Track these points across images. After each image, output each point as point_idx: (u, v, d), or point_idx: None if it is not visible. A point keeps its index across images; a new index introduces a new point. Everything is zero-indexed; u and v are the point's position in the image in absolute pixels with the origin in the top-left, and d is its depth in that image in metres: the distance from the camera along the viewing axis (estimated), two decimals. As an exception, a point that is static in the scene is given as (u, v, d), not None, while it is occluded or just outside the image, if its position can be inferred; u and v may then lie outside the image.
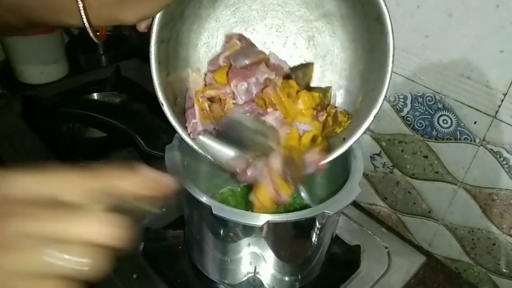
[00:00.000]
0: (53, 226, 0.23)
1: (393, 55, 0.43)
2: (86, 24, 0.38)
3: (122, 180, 0.27)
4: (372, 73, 0.46)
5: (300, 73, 0.50)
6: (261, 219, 0.40)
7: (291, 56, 0.53)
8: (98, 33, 0.42)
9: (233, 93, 0.47)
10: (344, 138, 0.46)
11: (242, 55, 0.48)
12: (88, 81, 0.91)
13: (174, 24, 0.45)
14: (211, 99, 0.48)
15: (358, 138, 0.45)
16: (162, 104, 0.45)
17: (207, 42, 0.51)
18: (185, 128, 0.46)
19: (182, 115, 0.48)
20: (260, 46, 0.52)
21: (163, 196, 0.28)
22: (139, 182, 0.27)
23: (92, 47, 1.16)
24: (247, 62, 0.47)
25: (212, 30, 0.50)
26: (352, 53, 0.49)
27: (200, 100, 0.47)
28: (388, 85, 0.44)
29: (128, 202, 0.27)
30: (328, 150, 0.47)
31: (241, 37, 0.50)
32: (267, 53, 0.51)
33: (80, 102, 0.73)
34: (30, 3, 0.38)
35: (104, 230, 0.24)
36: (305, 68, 0.51)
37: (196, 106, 0.46)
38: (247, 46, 0.50)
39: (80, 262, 0.24)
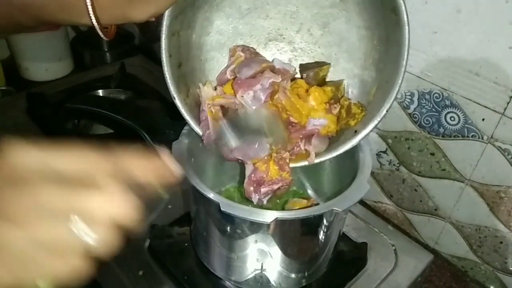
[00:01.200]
0: (75, 199, 0.24)
1: (409, 47, 0.42)
2: (95, 23, 0.39)
3: (135, 163, 0.27)
4: (387, 64, 0.45)
5: (311, 73, 0.49)
6: (269, 216, 0.40)
7: (306, 42, 0.52)
8: (107, 31, 0.42)
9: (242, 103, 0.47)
10: (355, 131, 0.46)
11: (245, 66, 0.47)
12: (93, 78, 0.91)
13: (185, 15, 0.45)
14: (223, 109, 0.48)
15: (371, 131, 0.45)
16: (174, 98, 0.45)
17: (220, 30, 0.50)
18: (196, 119, 0.46)
19: (195, 106, 0.48)
20: (273, 33, 0.52)
21: (170, 182, 0.29)
22: (150, 167, 0.28)
23: (96, 44, 1.16)
24: (251, 72, 0.47)
25: (225, 17, 0.50)
26: (367, 41, 0.48)
27: (213, 111, 0.47)
28: (403, 78, 0.44)
29: (139, 185, 0.27)
30: (339, 143, 0.47)
31: (244, 48, 0.50)
32: (270, 60, 0.51)
33: (86, 98, 0.73)
34: (40, 3, 0.39)
35: (122, 208, 0.24)
36: (319, 68, 0.50)
37: (209, 117, 0.46)
38: (251, 56, 0.50)
39: (99, 238, 0.24)
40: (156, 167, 0.28)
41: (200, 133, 0.47)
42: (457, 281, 0.65)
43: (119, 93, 0.87)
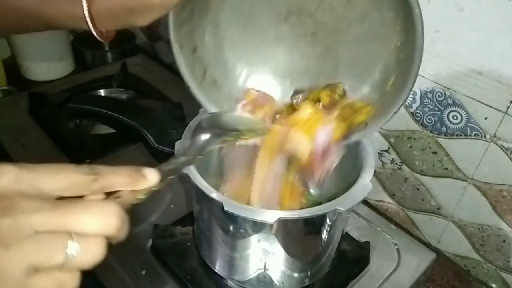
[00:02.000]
0: (64, 219, 0.24)
1: (423, 41, 0.42)
2: (92, 29, 0.40)
3: (114, 177, 0.29)
4: (406, 53, 0.44)
5: (300, 97, 0.51)
6: (272, 215, 0.40)
7: (328, 15, 0.49)
8: (103, 33, 0.42)
9: None
10: (366, 123, 0.45)
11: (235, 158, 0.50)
12: (95, 77, 0.91)
13: (194, 1, 0.45)
14: None
15: (386, 121, 0.44)
16: (189, 86, 0.47)
17: (235, 5, 0.49)
18: (213, 100, 0.48)
19: (212, 86, 0.49)
20: (293, 5, 0.50)
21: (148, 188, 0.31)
22: (129, 179, 0.29)
23: (97, 44, 1.15)
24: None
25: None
26: (390, 24, 0.46)
27: None
28: (418, 70, 0.43)
29: (120, 196, 0.29)
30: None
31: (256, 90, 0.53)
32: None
33: (89, 98, 0.73)
34: (48, 10, 0.39)
35: (111, 220, 0.25)
36: (309, 92, 0.51)
37: None
38: (263, 95, 0.52)
39: (91, 253, 0.25)
40: (134, 180, 0.30)
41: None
42: (460, 280, 0.65)
43: (120, 92, 0.87)
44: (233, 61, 0.52)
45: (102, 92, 0.87)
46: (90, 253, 0.25)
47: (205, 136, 0.42)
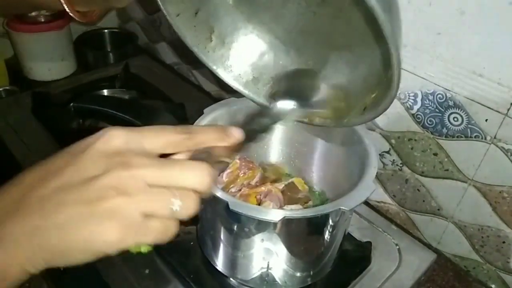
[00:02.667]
0: (170, 174, 0.29)
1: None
2: (67, 9, 0.43)
3: (206, 136, 0.33)
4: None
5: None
6: (277, 215, 0.41)
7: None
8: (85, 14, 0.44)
9: None
10: (364, 108, 0.45)
11: None
12: (97, 78, 0.92)
13: None
14: None
15: (385, 108, 0.44)
16: (195, 52, 0.47)
17: None
18: (220, 60, 0.49)
19: (221, 45, 0.49)
20: None
21: (234, 145, 0.35)
22: (217, 135, 0.34)
23: (99, 44, 1.17)
24: None
25: None
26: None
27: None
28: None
29: (213, 155, 0.34)
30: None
31: (241, 157, 0.58)
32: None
33: (94, 98, 0.74)
34: None
35: (206, 178, 0.30)
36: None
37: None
38: (246, 163, 0.58)
39: (189, 207, 0.30)
40: (221, 137, 0.34)
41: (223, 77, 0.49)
42: (460, 281, 0.66)
43: (123, 93, 0.88)
44: (243, 17, 0.51)
45: (105, 92, 0.87)
46: (189, 207, 0.29)
47: (289, 104, 0.42)
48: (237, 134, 0.35)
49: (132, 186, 0.28)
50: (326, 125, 0.48)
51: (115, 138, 0.30)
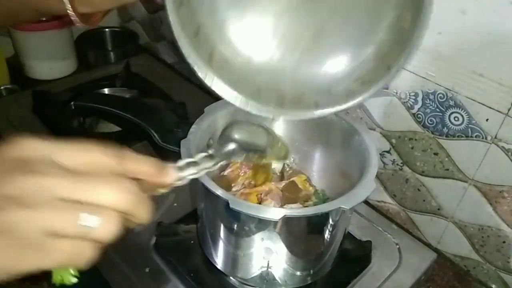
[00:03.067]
0: (83, 188, 0.25)
1: None
2: (70, 11, 0.41)
3: (138, 164, 0.29)
4: None
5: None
6: (277, 213, 0.41)
7: None
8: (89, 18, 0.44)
9: None
10: (389, 67, 0.42)
11: None
12: (98, 76, 0.92)
13: None
14: None
15: (409, 55, 0.42)
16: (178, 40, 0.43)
17: None
18: (202, 58, 0.46)
19: (205, 43, 0.46)
20: None
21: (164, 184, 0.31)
22: (151, 171, 0.30)
23: (100, 43, 1.17)
24: None
25: None
26: None
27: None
28: None
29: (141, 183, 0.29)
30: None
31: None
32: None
33: (95, 96, 0.74)
34: None
35: (128, 196, 0.26)
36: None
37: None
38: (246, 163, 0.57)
39: (108, 226, 0.25)
40: (155, 174, 0.30)
41: (201, 75, 0.45)
42: (460, 280, 0.66)
43: (124, 91, 0.88)
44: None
45: (106, 91, 0.87)
46: (106, 227, 0.25)
47: (232, 146, 0.41)
48: (172, 177, 0.31)
49: (35, 197, 0.24)
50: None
51: (26, 145, 0.26)
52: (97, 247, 0.26)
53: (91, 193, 0.25)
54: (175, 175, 0.32)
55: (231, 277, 0.54)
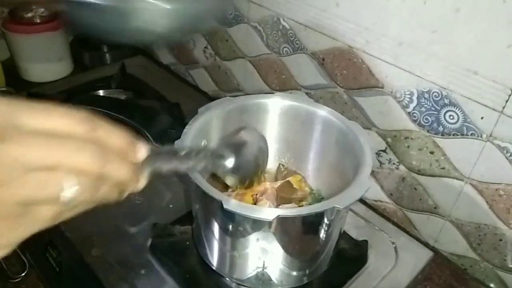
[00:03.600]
0: (55, 156, 0.23)
1: None
2: None
3: (107, 133, 0.26)
4: None
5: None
6: (271, 213, 0.40)
7: None
8: None
9: None
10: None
11: None
12: (93, 78, 0.91)
13: None
14: None
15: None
16: None
17: None
18: None
19: None
20: None
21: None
22: (124, 143, 0.27)
23: (96, 45, 1.16)
24: None
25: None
26: None
27: None
28: None
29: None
30: None
31: None
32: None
33: (89, 98, 0.74)
34: None
35: (101, 158, 0.24)
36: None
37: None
38: None
39: (85, 192, 0.24)
40: (128, 147, 0.28)
41: None
42: (457, 279, 0.65)
43: (119, 93, 0.88)
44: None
45: (101, 92, 0.87)
46: (85, 193, 0.24)
47: (228, 162, 0.38)
48: (143, 153, 0.29)
49: (5, 172, 0.22)
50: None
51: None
52: (78, 211, 0.25)
53: (65, 159, 0.23)
54: (146, 153, 0.29)
55: (227, 278, 0.54)
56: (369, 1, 0.63)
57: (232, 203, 0.41)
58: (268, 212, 0.41)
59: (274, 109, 0.57)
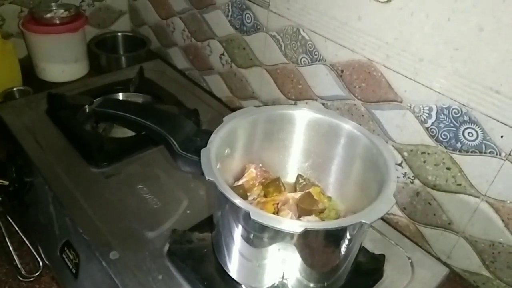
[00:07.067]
0: None
1: None
2: None
3: None
4: None
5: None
6: (299, 226, 0.41)
7: None
8: None
9: None
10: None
11: None
12: (110, 81, 0.92)
13: None
14: None
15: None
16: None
17: None
18: None
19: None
20: None
21: None
22: None
23: (112, 47, 1.17)
24: None
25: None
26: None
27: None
28: None
29: None
30: None
31: (256, 167, 0.58)
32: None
33: (114, 102, 0.74)
34: None
35: None
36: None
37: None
38: (262, 173, 0.58)
39: None
40: None
41: None
42: (469, 296, 0.66)
43: (137, 97, 0.88)
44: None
45: (120, 96, 0.88)
46: None
47: None
48: None
49: None
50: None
51: None
52: None
53: None
54: None
55: (244, 287, 0.54)
56: (392, 16, 0.64)
57: (260, 214, 0.41)
58: (296, 224, 0.41)
59: (300, 121, 0.58)
